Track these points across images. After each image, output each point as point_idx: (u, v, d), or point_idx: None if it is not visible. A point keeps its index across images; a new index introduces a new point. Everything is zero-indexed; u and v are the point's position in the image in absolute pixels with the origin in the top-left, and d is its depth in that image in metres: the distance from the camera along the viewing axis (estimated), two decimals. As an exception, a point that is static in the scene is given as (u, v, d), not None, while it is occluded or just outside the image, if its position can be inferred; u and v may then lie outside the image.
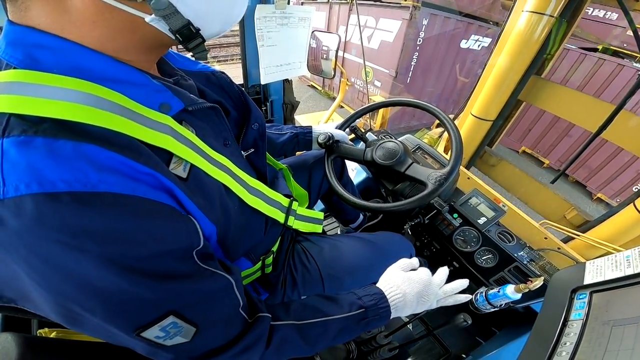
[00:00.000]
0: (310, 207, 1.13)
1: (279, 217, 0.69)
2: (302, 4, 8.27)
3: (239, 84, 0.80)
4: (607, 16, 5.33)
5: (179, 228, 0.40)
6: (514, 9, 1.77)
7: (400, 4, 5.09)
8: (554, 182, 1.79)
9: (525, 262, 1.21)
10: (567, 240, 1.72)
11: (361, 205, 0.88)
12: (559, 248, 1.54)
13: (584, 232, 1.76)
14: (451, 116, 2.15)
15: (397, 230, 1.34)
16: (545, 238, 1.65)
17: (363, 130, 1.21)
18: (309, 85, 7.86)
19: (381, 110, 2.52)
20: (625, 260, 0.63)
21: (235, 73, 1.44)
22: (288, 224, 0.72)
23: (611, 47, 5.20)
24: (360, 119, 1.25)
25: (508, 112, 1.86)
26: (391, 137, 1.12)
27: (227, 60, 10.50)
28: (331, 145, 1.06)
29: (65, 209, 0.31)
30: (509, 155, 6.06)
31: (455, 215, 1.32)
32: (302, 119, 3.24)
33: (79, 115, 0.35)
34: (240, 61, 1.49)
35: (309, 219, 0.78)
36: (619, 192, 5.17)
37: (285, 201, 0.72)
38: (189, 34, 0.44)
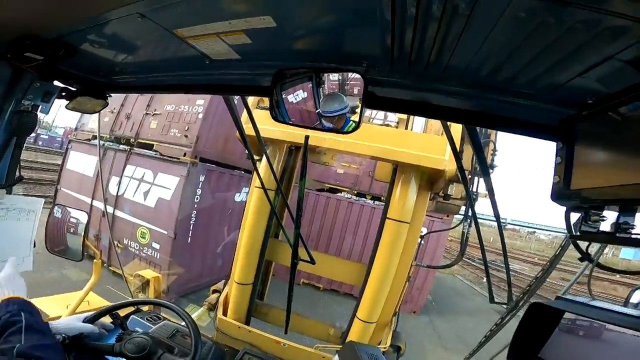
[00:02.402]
0: None
1: None
2: (70, 142, 7.03)
3: None
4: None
5: None
6: (251, 184, 2.20)
7: (179, 159, 5.05)
8: (286, 329, 2.18)
9: None
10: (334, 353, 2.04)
11: None
12: None
13: (344, 342, 2.15)
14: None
15: None
16: (323, 357, 1.91)
17: (121, 318, 1.25)
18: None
19: (152, 285, 2.35)
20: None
21: None
22: None
23: (327, 184, 8.12)
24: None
25: (263, 272, 2.21)
26: (155, 323, 1.34)
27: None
28: (70, 344, 1.02)
29: None
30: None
31: None
32: (49, 301, 2.43)
33: None
34: None
35: None
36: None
37: None
38: None
